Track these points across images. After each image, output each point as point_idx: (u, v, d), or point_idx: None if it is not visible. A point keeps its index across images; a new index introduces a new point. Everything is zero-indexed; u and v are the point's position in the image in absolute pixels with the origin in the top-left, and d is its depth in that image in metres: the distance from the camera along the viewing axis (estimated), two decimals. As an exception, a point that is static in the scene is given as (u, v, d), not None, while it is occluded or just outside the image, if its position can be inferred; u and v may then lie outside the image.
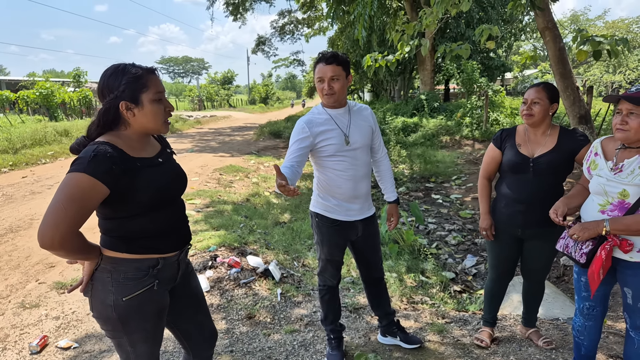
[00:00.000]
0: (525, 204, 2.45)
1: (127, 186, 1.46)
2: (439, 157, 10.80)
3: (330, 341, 2.69)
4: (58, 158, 11.16)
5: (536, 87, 2.42)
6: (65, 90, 21.23)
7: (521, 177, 2.46)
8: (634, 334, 2.10)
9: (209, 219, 5.61)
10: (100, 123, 1.52)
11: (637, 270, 1.97)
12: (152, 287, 1.60)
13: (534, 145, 2.46)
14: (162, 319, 1.70)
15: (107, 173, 1.40)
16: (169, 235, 1.65)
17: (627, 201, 1.93)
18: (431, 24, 5.04)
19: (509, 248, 2.63)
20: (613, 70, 36.65)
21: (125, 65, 1.52)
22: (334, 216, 2.44)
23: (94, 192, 1.39)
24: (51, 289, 3.75)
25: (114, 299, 1.53)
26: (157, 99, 1.55)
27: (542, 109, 2.38)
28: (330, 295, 2.64)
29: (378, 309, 2.80)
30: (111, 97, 1.49)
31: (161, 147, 1.71)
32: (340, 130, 2.35)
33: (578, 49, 4.27)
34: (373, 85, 28.18)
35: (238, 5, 23.54)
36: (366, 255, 2.64)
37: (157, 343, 1.72)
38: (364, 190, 2.46)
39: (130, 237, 1.55)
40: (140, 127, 1.56)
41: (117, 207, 1.50)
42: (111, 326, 1.58)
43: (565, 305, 3.47)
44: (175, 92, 64.67)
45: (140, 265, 1.58)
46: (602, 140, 2.12)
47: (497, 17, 17.85)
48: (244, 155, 11.98)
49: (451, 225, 6.43)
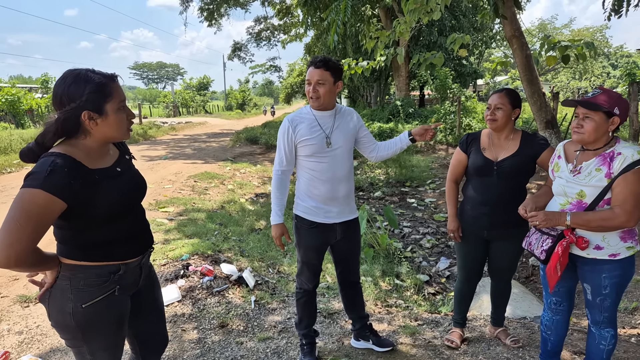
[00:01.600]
0: (490, 206, 2.52)
1: (84, 200, 1.42)
2: (414, 162, 10.94)
3: (302, 347, 2.69)
4: (24, 167, 10.81)
5: (499, 93, 2.50)
6: (33, 96, 20.59)
7: (486, 180, 2.53)
8: (594, 329, 2.18)
9: (181, 227, 5.53)
10: (57, 132, 1.45)
11: (594, 267, 2.07)
12: (112, 292, 1.56)
13: (497, 149, 2.53)
14: (122, 326, 1.65)
15: (65, 189, 1.35)
16: (129, 242, 1.62)
17: (585, 201, 2.03)
18: (404, 32, 5.14)
19: (475, 249, 2.69)
20: (579, 77, 37.96)
21: (86, 72, 1.46)
22: (312, 218, 2.46)
23: (51, 208, 1.35)
24: (14, 303, 3.61)
25: (73, 307, 1.49)
26: (121, 107, 1.52)
27: (504, 114, 2.46)
28: (306, 298, 2.63)
29: (352, 312, 2.82)
30: (72, 106, 1.42)
31: (119, 154, 1.66)
32: (322, 132, 2.40)
33: (547, 55, 4.42)
34: (350, 91, 28.40)
35: (213, 11, 23.39)
36: (345, 259, 2.66)
37: (118, 351, 1.67)
38: (342, 193, 2.47)
39: (88, 246, 1.51)
40: (102, 136, 1.51)
41: (73, 220, 1.46)
42: (70, 334, 1.54)
43: (533, 304, 3.56)
44: (149, 98, 63.44)
45: (101, 272, 1.53)
46: (565, 143, 2.23)
47: (468, 25, 18.31)
48: (219, 161, 11.86)
49: (425, 229, 6.52)
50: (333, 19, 5.42)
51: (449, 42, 4.86)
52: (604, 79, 36.66)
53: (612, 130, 2.00)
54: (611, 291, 2.06)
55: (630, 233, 2.03)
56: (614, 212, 1.94)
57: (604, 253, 2.02)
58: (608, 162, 1.97)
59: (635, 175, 1.91)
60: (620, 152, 1.96)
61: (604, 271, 2.05)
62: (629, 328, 3.11)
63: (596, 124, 1.97)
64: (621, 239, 2.01)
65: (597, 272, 2.07)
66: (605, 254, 2.02)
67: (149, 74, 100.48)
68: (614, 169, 1.95)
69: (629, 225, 1.95)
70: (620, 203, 1.93)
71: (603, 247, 2.02)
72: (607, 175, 1.96)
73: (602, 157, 2.00)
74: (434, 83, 16.29)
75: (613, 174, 1.95)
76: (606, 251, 2.02)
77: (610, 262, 2.03)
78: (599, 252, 2.03)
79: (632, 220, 1.93)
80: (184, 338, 3.00)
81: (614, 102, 1.97)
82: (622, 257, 2.02)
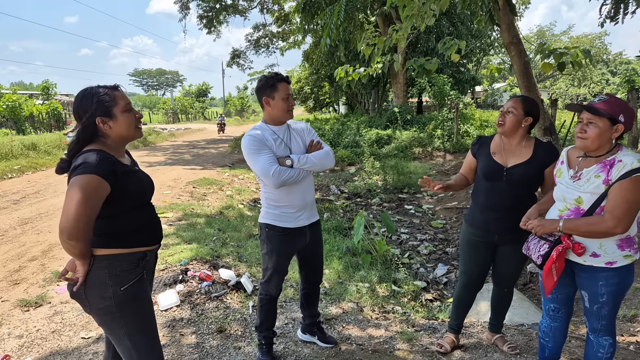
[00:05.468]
0: (499, 212, 2.50)
1: (121, 187, 1.70)
2: (412, 169, 10.98)
3: (261, 347, 2.80)
4: (25, 172, 10.83)
5: (514, 98, 2.50)
6: (34, 102, 20.63)
7: (495, 185, 2.51)
8: (592, 337, 2.17)
9: (180, 233, 5.54)
10: (80, 140, 1.73)
11: (591, 274, 2.06)
12: (142, 276, 1.83)
13: (508, 155, 2.51)
14: (152, 308, 1.90)
15: (111, 174, 1.66)
16: (150, 230, 1.90)
17: (582, 207, 2.03)
18: (401, 38, 5.19)
19: (482, 254, 2.66)
20: (578, 84, 38.09)
21: (91, 88, 1.77)
22: (284, 224, 2.57)
23: (102, 191, 1.64)
24: (15, 307, 3.62)
25: (113, 291, 1.73)
26: (127, 109, 1.79)
27: (514, 119, 2.43)
28: (270, 305, 2.75)
29: (307, 310, 2.97)
30: (87, 116, 1.72)
31: (131, 159, 1.96)
32: (284, 143, 2.54)
33: (543, 62, 4.46)
34: (347, 98, 28.52)
35: (212, 18, 23.49)
36: (312, 260, 2.80)
37: (154, 333, 1.90)
38: (310, 199, 2.63)
39: (118, 233, 1.76)
40: (117, 136, 1.79)
41: (109, 206, 1.69)
42: (110, 317, 1.75)
43: (530, 311, 3.57)
44: (148, 105, 63.51)
45: (132, 257, 1.80)
46: (569, 149, 2.22)
47: (466, 32, 18.44)
48: (218, 167, 11.89)
49: (423, 235, 6.54)
50: (327, 22, 5.48)
51: (440, 46, 4.90)
52: (602, 85, 36.83)
53: (615, 137, 1.98)
54: (608, 299, 2.05)
55: (628, 241, 2.00)
56: (602, 217, 1.93)
57: (601, 261, 2.01)
58: (607, 169, 1.96)
59: (632, 182, 1.88)
60: (620, 160, 1.93)
61: (600, 279, 2.03)
62: (627, 335, 3.12)
63: (600, 130, 1.95)
64: (618, 247, 1.99)
65: (594, 280, 2.05)
66: (602, 262, 2.01)
67: (149, 81, 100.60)
68: (612, 176, 1.93)
69: (617, 232, 1.93)
70: (610, 209, 1.92)
71: (600, 255, 2.01)
72: (605, 182, 1.95)
73: (602, 164, 1.98)
74: (432, 90, 16.38)
75: (611, 181, 1.93)
76: (603, 259, 2.01)
77: (607, 270, 2.01)
78: (595, 260, 2.02)
79: (620, 227, 1.90)
80: (182, 342, 3.01)
81: (620, 110, 1.94)
82: (619, 265, 2.00)
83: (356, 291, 4.19)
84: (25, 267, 4.57)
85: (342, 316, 3.54)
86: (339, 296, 4.07)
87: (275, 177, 2.38)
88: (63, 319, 3.38)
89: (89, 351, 2.93)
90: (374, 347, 2.99)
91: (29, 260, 4.76)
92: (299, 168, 2.47)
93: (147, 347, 1.85)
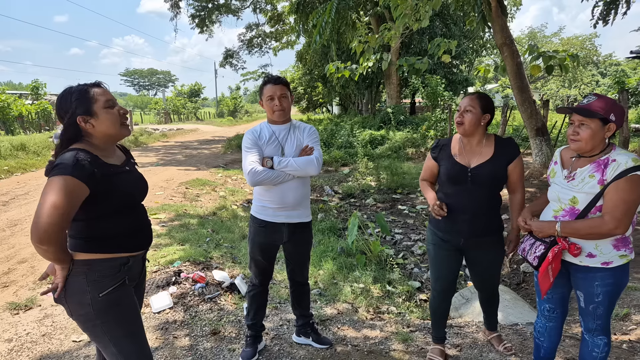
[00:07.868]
0: (465, 214, 2.42)
1: (103, 189, 1.63)
2: (405, 169, 10.99)
3: (246, 338, 2.85)
4: (14, 173, 10.68)
5: (470, 96, 2.42)
6: (23, 102, 20.38)
7: (459, 187, 2.43)
8: (587, 337, 2.18)
9: (173, 234, 5.49)
10: (64, 140, 1.67)
11: (587, 274, 2.06)
12: (124, 282, 1.75)
13: (470, 155, 2.43)
14: (138, 313, 1.83)
15: (89, 176, 1.58)
16: (135, 236, 1.81)
17: (577, 207, 2.03)
18: (393, 37, 5.19)
19: (451, 259, 2.57)
20: (569, 85, 38.47)
21: (71, 87, 1.71)
22: (262, 217, 2.66)
23: (79, 193, 1.56)
24: (4, 310, 3.56)
25: (91, 297, 1.66)
26: (109, 106, 1.72)
27: (473, 118, 2.35)
28: (254, 292, 2.81)
29: (297, 310, 3.00)
30: (68, 116, 1.66)
31: (126, 158, 1.88)
32: (278, 142, 2.60)
33: (532, 64, 4.50)
34: (341, 98, 28.54)
35: (204, 18, 23.37)
36: (293, 261, 2.84)
37: (141, 337, 1.83)
38: (291, 201, 2.60)
39: (98, 238, 1.69)
40: (101, 134, 1.72)
41: (89, 208, 1.63)
42: (91, 324, 1.69)
43: (525, 310, 3.58)
44: (140, 105, 63.04)
45: (113, 263, 1.72)
46: (562, 149, 2.22)
47: (459, 33, 18.55)
48: (211, 168, 11.82)
49: (417, 235, 6.54)
50: (319, 20, 5.49)
51: (429, 46, 4.91)
52: (593, 87, 37.20)
53: (608, 136, 1.98)
54: (604, 299, 2.05)
55: (623, 241, 2.01)
56: (602, 219, 1.93)
57: (597, 261, 2.01)
58: (602, 169, 1.95)
59: (627, 182, 1.88)
60: (614, 159, 1.93)
61: (596, 279, 2.03)
62: (620, 334, 3.13)
63: (592, 131, 1.95)
64: (614, 247, 2.00)
65: (589, 280, 2.05)
66: (598, 262, 2.01)
67: (140, 81, 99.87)
68: (607, 176, 1.93)
69: (618, 233, 1.93)
70: (609, 210, 1.91)
71: (595, 255, 2.01)
72: (600, 181, 1.95)
73: (596, 164, 1.98)
74: (425, 91, 16.43)
75: (606, 181, 1.93)
76: (599, 259, 2.01)
77: (603, 270, 2.01)
78: (591, 260, 2.02)
79: (621, 228, 1.90)
80: (175, 345, 2.97)
81: (610, 108, 1.93)
82: (614, 265, 2.00)
83: (351, 292, 4.18)
84: (15, 269, 4.50)
85: (337, 317, 3.52)
86: (334, 297, 4.05)
87: (250, 176, 2.50)
88: (53, 322, 3.33)
89: (80, 355, 2.88)
90: (369, 348, 2.98)
91: (19, 262, 4.68)
92: (278, 170, 2.51)
93: (134, 353, 1.78)
